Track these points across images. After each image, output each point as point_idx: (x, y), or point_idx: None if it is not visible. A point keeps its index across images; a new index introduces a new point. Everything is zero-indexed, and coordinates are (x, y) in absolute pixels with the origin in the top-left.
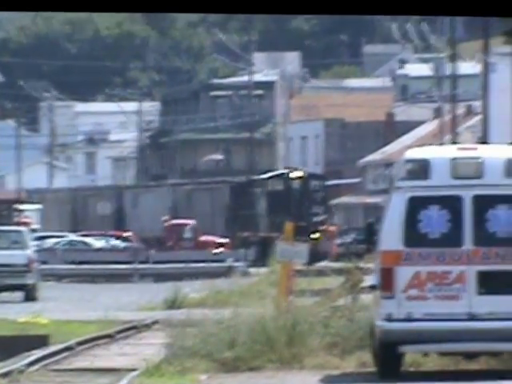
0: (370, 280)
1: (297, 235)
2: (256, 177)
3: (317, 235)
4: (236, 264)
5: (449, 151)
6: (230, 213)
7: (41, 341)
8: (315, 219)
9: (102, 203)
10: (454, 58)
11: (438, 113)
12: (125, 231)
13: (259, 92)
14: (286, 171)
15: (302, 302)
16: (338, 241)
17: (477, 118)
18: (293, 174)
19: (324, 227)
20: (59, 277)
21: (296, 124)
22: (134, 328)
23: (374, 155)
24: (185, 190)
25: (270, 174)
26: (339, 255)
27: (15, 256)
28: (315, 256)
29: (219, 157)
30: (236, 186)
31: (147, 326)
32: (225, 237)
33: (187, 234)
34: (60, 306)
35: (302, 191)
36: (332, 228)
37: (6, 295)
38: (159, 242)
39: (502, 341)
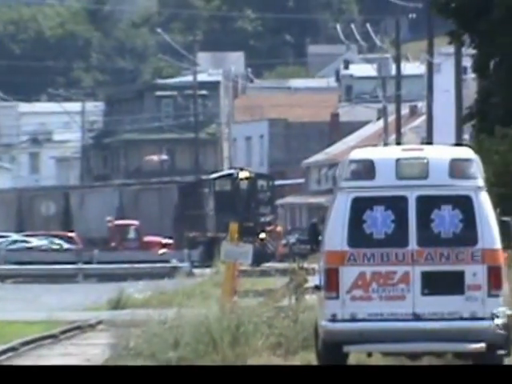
0: (314, 280)
1: (244, 235)
2: (205, 177)
3: (264, 235)
4: (180, 264)
5: (393, 152)
6: (178, 213)
7: None
8: (262, 219)
9: (48, 203)
10: (398, 58)
11: (382, 113)
12: (69, 232)
13: (203, 92)
14: (233, 171)
15: (246, 303)
16: (284, 241)
17: (421, 119)
18: (241, 174)
19: (271, 227)
20: (3, 277)
21: (240, 124)
22: (79, 328)
23: (318, 155)
24: (132, 190)
25: (217, 174)
26: (284, 256)
27: None
28: (263, 257)
29: (163, 157)
30: (184, 186)
31: (91, 327)
32: (169, 237)
33: (131, 235)
34: (4, 307)
35: (250, 191)
36: (279, 228)
37: None
38: (103, 243)
39: (445, 341)
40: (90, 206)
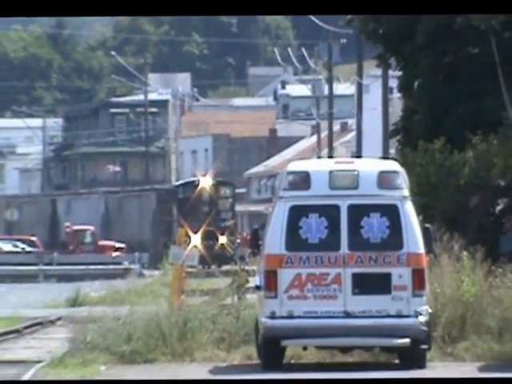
0: (254, 281)
1: (205, 240)
2: (172, 184)
3: (224, 240)
4: (132, 266)
5: (327, 164)
6: (155, 218)
7: None
8: (223, 225)
9: (12, 210)
10: (330, 79)
11: (315, 129)
12: (31, 236)
13: (153, 110)
14: (195, 179)
15: (192, 301)
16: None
17: (351, 135)
18: (202, 182)
19: (230, 232)
20: None
21: (187, 139)
22: (40, 324)
23: (258, 167)
24: (116, 197)
25: (180, 182)
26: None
27: None
28: (222, 259)
29: (116, 168)
30: (162, 194)
31: (52, 322)
32: (122, 241)
33: (88, 239)
34: None
35: (211, 198)
36: (244, 234)
37: None
38: (63, 246)
39: (373, 336)
40: (77, 213)
